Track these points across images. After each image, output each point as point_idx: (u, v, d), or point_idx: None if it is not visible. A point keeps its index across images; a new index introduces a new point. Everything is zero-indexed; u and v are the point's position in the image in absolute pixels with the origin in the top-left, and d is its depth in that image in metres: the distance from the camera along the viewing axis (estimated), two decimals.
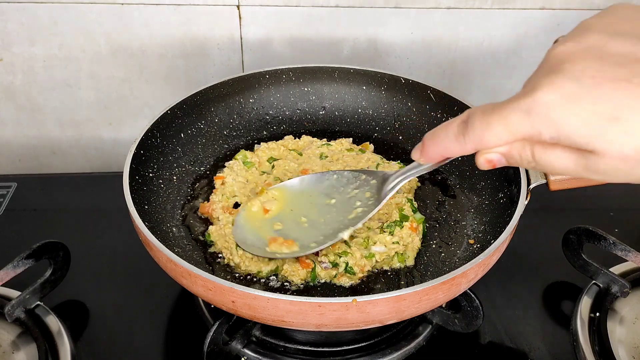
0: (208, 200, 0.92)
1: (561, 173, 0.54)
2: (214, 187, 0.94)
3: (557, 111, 0.48)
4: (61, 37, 1.16)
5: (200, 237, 0.87)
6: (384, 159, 0.99)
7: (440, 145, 0.60)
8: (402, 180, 0.79)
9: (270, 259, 0.81)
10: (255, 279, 0.81)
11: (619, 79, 0.46)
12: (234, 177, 0.94)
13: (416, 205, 0.92)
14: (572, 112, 0.47)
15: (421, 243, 0.87)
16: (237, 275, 0.82)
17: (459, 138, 0.57)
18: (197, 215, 0.91)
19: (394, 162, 0.99)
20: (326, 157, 0.99)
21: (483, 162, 0.57)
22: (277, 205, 0.86)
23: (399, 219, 0.87)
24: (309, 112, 1.10)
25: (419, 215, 0.89)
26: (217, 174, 0.96)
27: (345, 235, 0.80)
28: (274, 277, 0.81)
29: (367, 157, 0.98)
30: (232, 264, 0.83)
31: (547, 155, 0.52)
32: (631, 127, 0.46)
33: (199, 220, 0.90)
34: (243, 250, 0.81)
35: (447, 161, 0.65)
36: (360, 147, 1.03)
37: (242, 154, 0.99)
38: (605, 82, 0.47)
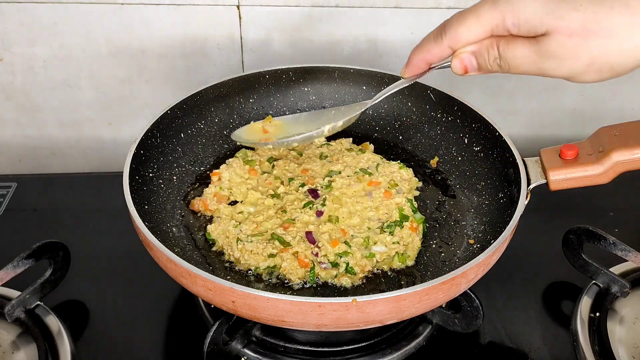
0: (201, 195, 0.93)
1: (521, 65, 0.62)
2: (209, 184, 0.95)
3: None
4: (61, 37, 1.17)
5: (200, 237, 0.87)
6: (384, 159, 0.99)
7: (421, 50, 0.68)
8: (387, 92, 0.82)
9: (269, 256, 0.81)
10: (255, 279, 0.81)
11: None
12: (230, 173, 0.94)
13: (416, 205, 0.92)
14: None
15: (421, 243, 0.87)
16: (237, 271, 0.82)
17: (437, 39, 0.66)
18: (197, 215, 0.91)
19: (394, 162, 0.99)
20: (326, 157, 0.99)
21: (457, 65, 0.66)
22: (275, 131, 0.92)
23: (399, 219, 0.87)
24: None
25: (419, 215, 0.89)
26: (214, 171, 0.96)
27: (326, 129, 0.85)
28: (274, 277, 0.82)
29: (367, 157, 0.98)
30: (232, 259, 0.83)
31: (509, 48, 0.61)
32: (578, 3, 0.56)
33: (199, 220, 0.90)
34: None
35: (428, 72, 0.72)
36: (360, 147, 1.03)
37: (243, 152, 0.99)
38: None
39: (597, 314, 0.86)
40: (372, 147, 1.04)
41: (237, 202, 0.91)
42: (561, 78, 0.61)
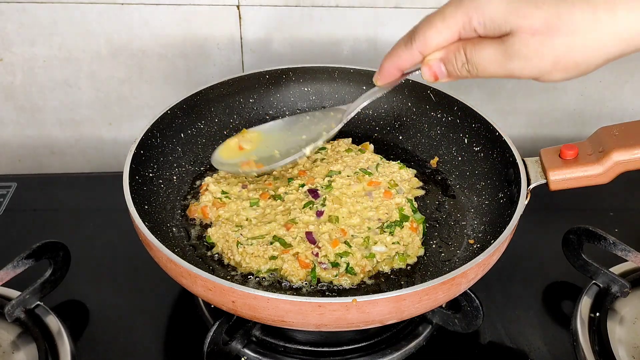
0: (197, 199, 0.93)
1: (488, 67, 0.61)
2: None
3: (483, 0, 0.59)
4: (61, 37, 1.17)
5: (200, 237, 0.87)
6: (384, 159, 0.99)
7: (393, 56, 0.68)
8: (362, 103, 0.83)
9: (270, 258, 0.81)
10: (255, 279, 0.81)
11: None
12: (216, 181, 0.94)
13: (416, 205, 0.92)
14: None
15: (421, 243, 0.87)
16: (237, 274, 0.82)
17: (407, 44, 0.65)
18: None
19: (394, 162, 0.99)
20: (323, 158, 0.99)
21: (427, 72, 0.66)
22: (251, 146, 0.94)
23: (399, 219, 0.87)
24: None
25: (419, 216, 0.89)
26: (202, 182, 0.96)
27: (307, 150, 0.87)
28: (274, 277, 0.82)
29: (367, 157, 0.98)
30: (232, 263, 0.83)
31: (476, 50, 0.61)
32: (541, 1, 0.56)
33: (199, 220, 0.90)
34: (224, 170, 0.92)
35: (401, 79, 0.72)
36: (360, 147, 1.03)
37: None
38: None
39: (597, 314, 0.86)
40: (372, 147, 1.04)
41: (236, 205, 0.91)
42: (529, 78, 0.61)
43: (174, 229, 0.88)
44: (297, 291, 0.80)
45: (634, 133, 0.81)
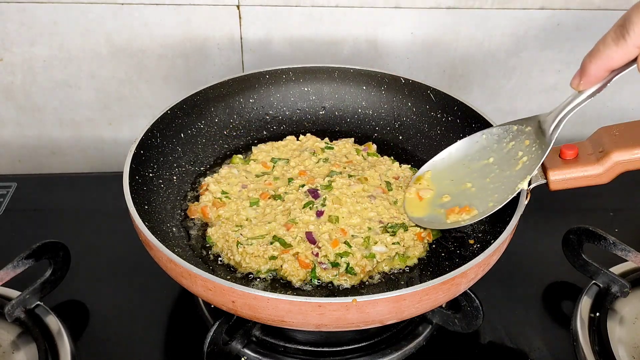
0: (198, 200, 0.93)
1: None
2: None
3: None
4: (61, 37, 1.17)
5: (201, 237, 0.87)
6: (389, 158, 0.99)
7: (601, 57, 0.59)
8: (567, 114, 0.74)
9: (270, 258, 0.81)
10: (255, 279, 0.81)
11: None
12: (216, 181, 0.94)
13: None
14: None
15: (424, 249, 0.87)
16: (237, 275, 0.82)
17: (619, 42, 0.56)
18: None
19: (396, 163, 0.99)
20: (327, 159, 0.99)
21: None
22: (430, 194, 0.87)
23: (406, 223, 0.87)
24: (309, 112, 1.10)
25: (436, 231, 0.89)
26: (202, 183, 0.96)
27: (524, 185, 0.78)
28: (274, 277, 0.82)
29: (389, 166, 0.99)
30: (232, 263, 0.83)
31: None
32: None
33: (199, 220, 0.90)
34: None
35: (609, 80, 0.62)
36: (363, 147, 1.03)
37: (235, 159, 0.99)
38: None
39: (597, 314, 0.86)
40: (374, 147, 1.04)
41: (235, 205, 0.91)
42: None
43: (174, 229, 0.88)
44: (297, 291, 0.80)
45: (634, 133, 0.81)
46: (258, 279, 0.81)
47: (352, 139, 1.06)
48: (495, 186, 0.82)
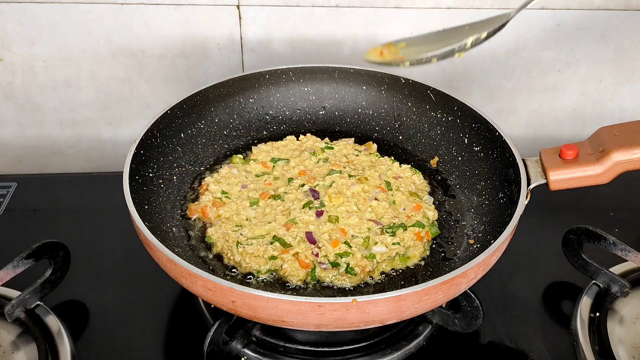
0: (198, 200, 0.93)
1: None
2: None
3: None
4: (61, 37, 1.17)
5: (200, 237, 0.87)
6: (389, 158, 1.00)
7: None
8: None
9: (270, 258, 0.81)
10: (255, 279, 0.81)
11: None
12: (216, 181, 0.94)
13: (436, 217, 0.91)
14: None
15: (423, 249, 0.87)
16: (237, 274, 0.82)
17: None
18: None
19: (396, 163, 0.99)
20: (327, 158, 0.99)
21: None
22: (394, 56, 0.86)
23: (404, 223, 0.87)
24: (309, 112, 1.10)
25: (434, 229, 0.89)
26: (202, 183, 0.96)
27: (469, 41, 0.77)
28: (274, 277, 0.82)
29: (388, 165, 0.99)
30: (232, 263, 0.83)
31: None
32: None
33: (199, 220, 0.90)
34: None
35: None
36: (363, 146, 1.03)
37: (235, 159, 0.99)
38: None
39: (597, 314, 0.86)
40: (375, 146, 1.04)
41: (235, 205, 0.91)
42: None
43: (174, 229, 0.88)
44: (297, 291, 0.80)
45: (634, 133, 0.81)
46: (258, 279, 0.81)
47: (352, 139, 1.06)
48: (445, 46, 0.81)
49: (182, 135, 0.99)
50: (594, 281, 0.90)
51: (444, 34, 0.84)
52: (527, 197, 0.81)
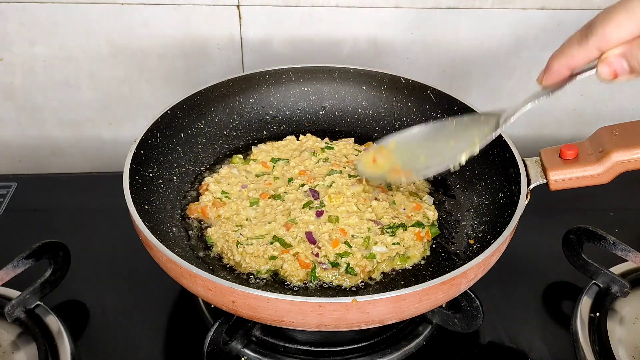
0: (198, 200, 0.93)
1: None
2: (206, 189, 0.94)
3: None
4: (61, 37, 1.17)
5: (200, 237, 0.87)
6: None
7: (565, 55, 0.61)
8: (524, 107, 0.75)
9: (270, 258, 0.81)
10: (255, 279, 0.81)
11: None
12: (216, 181, 0.94)
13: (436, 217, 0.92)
14: None
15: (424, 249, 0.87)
16: (237, 275, 0.82)
17: (581, 41, 0.59)
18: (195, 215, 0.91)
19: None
20: (327, 158, 0.99)
21: (605, 70, 0.59)
22: (387, 160, 0.89)
23: (405, 223, 0.87)
24: (309, 112, 1.10)
25: (434, 229, 0.89)
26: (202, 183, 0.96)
27: (462, 158, 0.80)
28: (274, 277, 0.82)
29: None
30: (232, 263, 0.83)
31: None
32: None
33: (199, 220, 0.90)
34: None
35: (571, 80, 0.64)
36: (363, 146, 1.03)
37: (235, 159, 0.99)
38: None
39: (597, 314, 0.86)
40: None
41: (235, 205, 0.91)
42: None
43: (174, 229, 0.88)
44: (297, 291, 0.80)
45: (634, 133, 0.81)
46: (258, 279, 0.81)
47: (352, 139, 1.06)
48: (442, 159, 0.84)
49: (182, 135, 0.99)
50: (594, 281, 0.90)
51: (432, 131, 0.87)
52: (527, 197, 0.81)
